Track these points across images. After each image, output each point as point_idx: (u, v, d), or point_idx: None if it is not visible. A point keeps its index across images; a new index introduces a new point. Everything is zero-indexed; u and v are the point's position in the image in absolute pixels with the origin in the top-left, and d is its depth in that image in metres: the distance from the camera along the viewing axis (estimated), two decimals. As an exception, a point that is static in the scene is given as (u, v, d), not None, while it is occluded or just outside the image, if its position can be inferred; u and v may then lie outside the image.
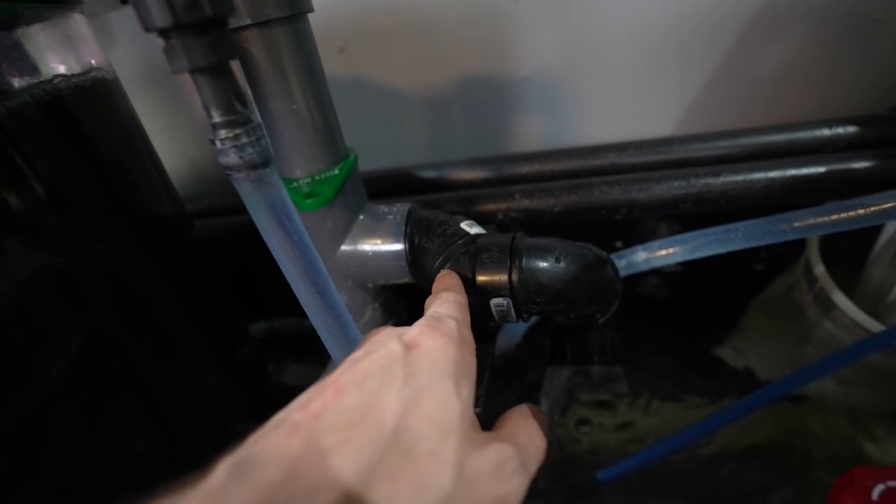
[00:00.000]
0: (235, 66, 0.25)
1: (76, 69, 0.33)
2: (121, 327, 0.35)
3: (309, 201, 0.33)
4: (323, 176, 0.35)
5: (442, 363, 0.20)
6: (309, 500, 0.15)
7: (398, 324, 0.46)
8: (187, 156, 0.71)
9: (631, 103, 0.57)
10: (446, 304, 0.27)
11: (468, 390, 0.21)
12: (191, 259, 0.42)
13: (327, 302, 0.29)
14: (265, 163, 0.25)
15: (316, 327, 0.30)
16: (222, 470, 0.16)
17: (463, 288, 0.30)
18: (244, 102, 0.24)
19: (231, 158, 0.24)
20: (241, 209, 0.59)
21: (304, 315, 0.69)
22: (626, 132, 0.58)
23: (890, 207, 0.36)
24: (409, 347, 0.21)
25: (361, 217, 0.39)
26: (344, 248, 0.38)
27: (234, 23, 0.30)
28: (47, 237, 0.30)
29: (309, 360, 0.68)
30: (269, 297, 0.65)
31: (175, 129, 0.69)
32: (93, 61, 0.34)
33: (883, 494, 0.21)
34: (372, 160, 0.56)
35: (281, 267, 0.28)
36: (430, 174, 0.52)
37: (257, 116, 0.25)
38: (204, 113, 0.23)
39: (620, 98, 0.57)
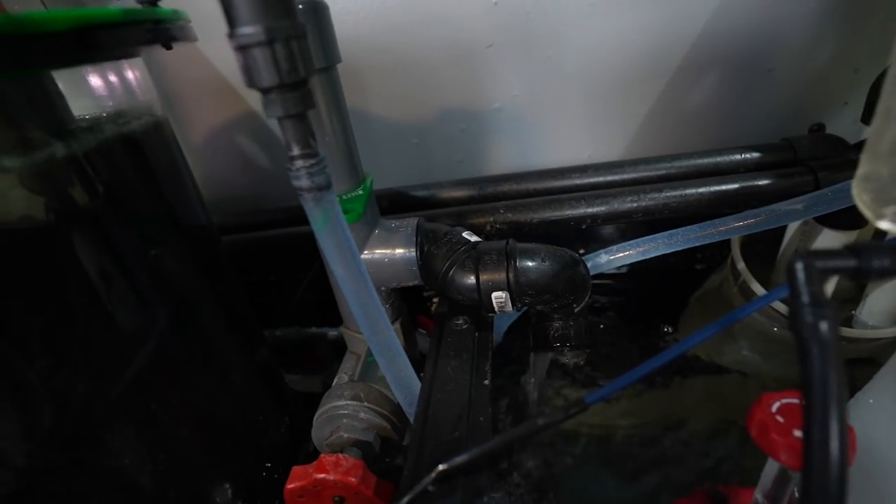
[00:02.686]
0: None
1: (140, 108, 0.39)
2: (173, 325, 0.40)
3: (346, 216, 0.40)
4: (350, 195, 0.43)
5: None
6: None
7: (404, 322, 0.53)
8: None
9: (586, 131, 0.68)
10: None
11: None
12: (221, 266, 0.47)
13: (370, 296, 0.35)
14: (329, 185, 0.32)
15: (357, 317, 0.37)
16: None
17: None
18: (315, 140, 0.31)
19: (304, 182, 0.31)
20: (239, 229, 0.64)
21: (303, 325, 0.74)
22: (583, 155, 0.68)
23: (785, 212, 0.47)
24: None
25: (377, 230, 0.46)
26: (363, 256, 0.45)
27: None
28: (111, 242, 0.35)
29: (306, 368, 0.73)
30: (270, 308, 0.70)
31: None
32: (152, 98, 0.40)
33: (779, 408, 0.30)
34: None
35: (331, 265, 0.34)
36: (421, 193, 0.60)
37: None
38: (201, 139, 0.30)
39: (577, 127, 0.68)
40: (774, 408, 0.30)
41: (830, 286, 0.57)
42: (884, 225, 0.27)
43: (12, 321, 0.30)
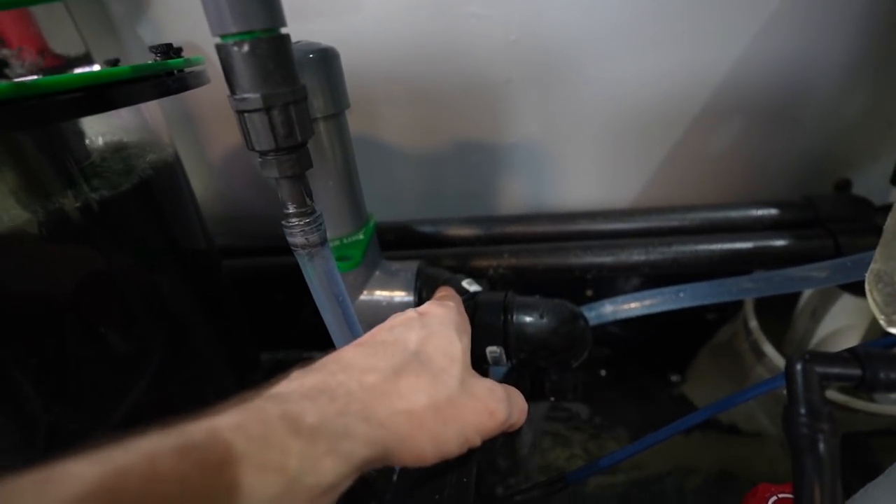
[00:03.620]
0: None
1: (149, 140, 0.39)
2: (169, 352, 0.40)
3: (342, 264, 0.41)
4: (349, 240, 0.42)
5: (446, 320, 0.28)
6: (360, 379, 0.23)
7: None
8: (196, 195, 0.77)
9: (600, 173, 0.66)
10: (445, 297, 0.35)
11: (466, 341, 0.28)
12: (219, 290, 0.48)
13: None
14: (323, 242, 0.32)
15: None
16: (293, 372, 0.23)
17: (458, 297, 0.38)
18: (311, 198, 0.31)
19: (298, 240, 0.31)
20: (249, 252, 0.65)
21: (304, 348, 0.74)
22: (596, 197, 0.67)
23: (800, 278, 0.46)
24: (421, 314, 0.29)
25: (378, 273, 0.46)
26: (363, 297, 0.45)
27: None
28: (112, 273, 0.36)
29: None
30: (271, 332, 0.70)
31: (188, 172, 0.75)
32: (163, 135, 0.41)
33: (775, 502, 0.29)
34: (372, 209, 0.64)
35: (324, 319, 0.35)
36: (428, 229, 0.59)
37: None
38: (218, 157, 0.31)
39: (591, 168, 0.67)
40: (770, 502, 0.29)
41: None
42: (893, 330, 0.25)
43: (6, 357, 0.31)
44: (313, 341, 0.72)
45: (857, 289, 0.50)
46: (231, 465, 0.16)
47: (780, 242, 0.49)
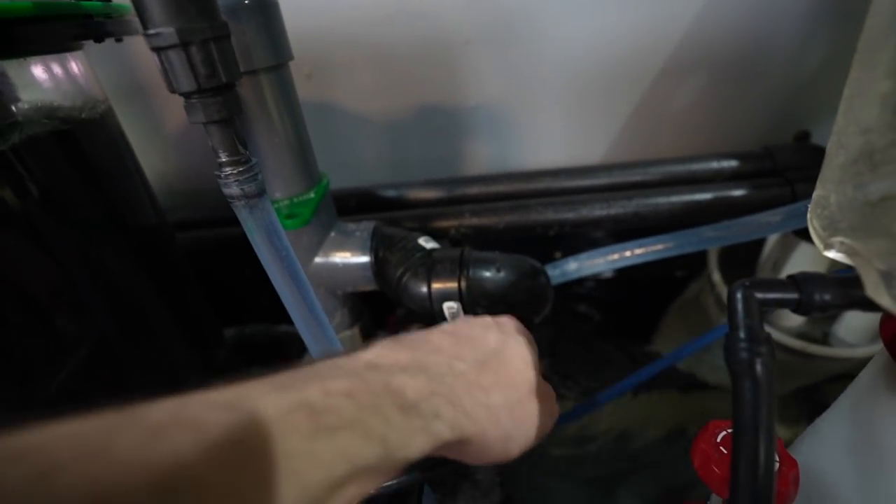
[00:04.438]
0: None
1: (78, 99, 0.37)
2: (114, 327, 0.39)
3: (289, 221, 0.39)
4: (300, 199, 0.41)
5: (520, 329, 0.29)
6: (449, 363, 0.23)
7: (363, 327, 0.52)
8: (156, 171, 0.74)
9: (564, 133, 0.66)
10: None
11: (535, 352, 0.28)
12: (173, 266, 0.46)
13: (309, 306, 0.34)
14: (260, 193, 0.30)
15: (298, 327, 0.36)
16: (382, 342, 0.23)
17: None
18: (245, 146, 0.29)
19: (234, 190, 0.30)
20: (212, 224, 0.63)
21: (273, 321, 0.73)
22: (561, 157, 0.66)
23: (759, 224, 0.46)
24: (497, 322, 0.29)
25: (332, 234, 0.45)
26: (317, 260, 0.44)
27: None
28: (45, 242, 0.34)
29: (277, 366, 0.72)
30: (238, 305, 0.69)
31: (145, 146, 0.72)
32: (95, 93, 0.38)
33: (724, 437, 0.29)
34: (335, 177, 0.62)
35: (270, 276, 0.34)
36: (390, 193, 0.58)
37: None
38: (176, 130, 0.29)
39: (555, 128, 0.66)
40: (719, 437, 0.29)
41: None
42: (831, 255, 0.25)
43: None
44: (282, 314, 0.71)
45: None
46: (342, 428, 0.17)
47: (739, 192, 0.49)
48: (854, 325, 0.54)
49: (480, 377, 0.23)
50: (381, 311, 0.61)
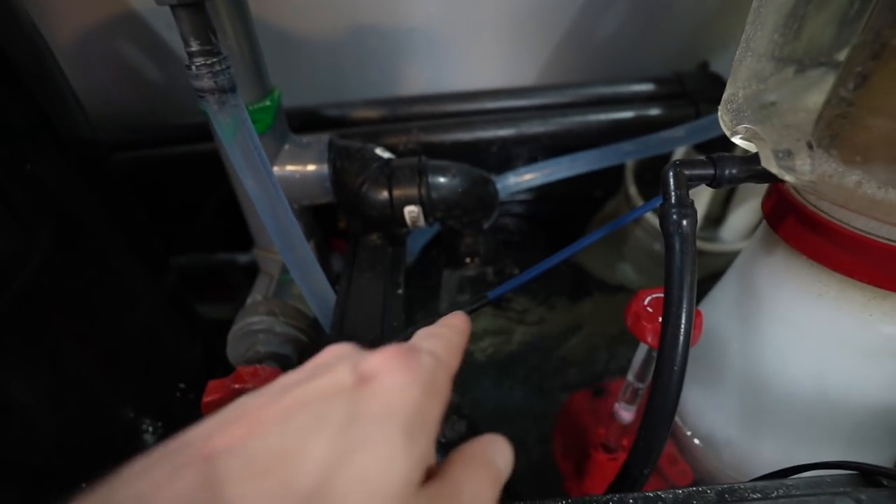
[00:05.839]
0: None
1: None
2: (59, 247, 0.37)
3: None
4: (256, 106, 0.40)
5: (397, 408, 0.16)
6: None
7: (318, 244, 0.53)
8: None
9: (500, 56, 0.68)
10: (434, 339, 0.21)
11: (422, 447, 0.16)
12: (113, 183, 0.44)
13: (280, 202, 0.35)
14: (233, 88, 0.30)
15: (268, 228, 0.36)
16: None
17: (467, 332, 0.24)
18: (216, 35, 0.29)
19: (205, 83, 0.29)
20: (140, 145, 0.59)
21: (211, 251, 0.71)
22: (497, 80, 0.69)
23: (668, 139, 0.53)
24: (362, 379, 0.17)
25: (287, 146, 0.45)
26: (274, 171, 0.44)
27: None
28: None
29: (216, 296, 0.71)
30: (172, 236, 0.66)
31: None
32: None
33: (650, 301, 0.36)
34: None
35: (241, 176, 0.34)
36: (333, 112, 0.58)
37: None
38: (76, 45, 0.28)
39: (491, 51, 0.68)
40: (647, 301, 0.36)
41: (701, 207, 0.66)
42: (736, 140, 0.31)
43: None
44: (219, 243, 0.69)
45: (713, 150, 0.60)
46: None
47: (655, 112, 0.56)
48: (735, 226, 0.65)
49: None
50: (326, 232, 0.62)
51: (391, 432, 0.15)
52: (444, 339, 0.21)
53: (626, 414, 0.40)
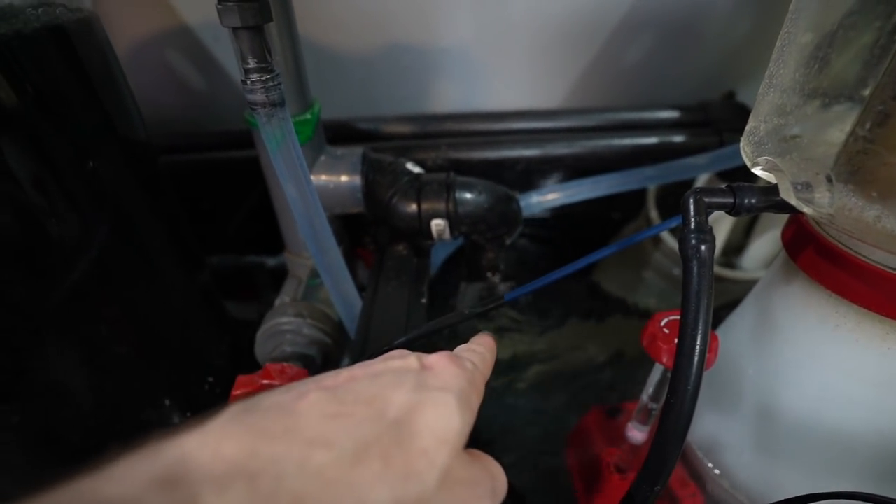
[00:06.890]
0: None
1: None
2: (111, 239, 0.39)
3: (293, 138, 0.41)
4: (299, 118, 0.43)
5: (452, 385, 0.21)
6: (302, 456, 0.16)
7: (346, 252, 0.56)
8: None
9: (529, 78, 0.70)
10: (471, 352, 0.26)
11: (469, 418, 0.21)
12: (160, 183, 0.46)
13: (317, 210, 0.37)
14: (282, 102, 0.33)
15: (304, 233, 0.38)
16: (229, 411, 0.17)
17: (495, 353, 0.29)
18: (271, 54, 0.31)
19: (258, 97, 0.32)
20: (180, 150, 0.62)
21: (240, 253, 0.74)
22: (524, 102, 0.71)
23: (691, 165, 0.54)
24: (424, 366, 0.22)
25: (323, 157, 0.47)
26: (310, 180, 0.46)
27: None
28: (45, 146, 0.34)
29: (242, 297, 0.73)
30: (204, 237, 0.69)
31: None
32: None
33: (667, 323, 0.37)
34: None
35: (283, 184, 0.36)
36: (366, 126, 0.60)
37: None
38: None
39: (520, 73, 0.70)
40: (663, 322, 0.36)
41: (722, 234, 0.66)
42: (756, 171, 0.32)
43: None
44: (249, 246, 0.72)
45: (737, 178, 0.61)
46: None
47: (678, 139, 0.57)
48: (756, 255, 0.65)
49: (354, 471, 0.16)
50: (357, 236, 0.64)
51: (449, 399, 0.20)
52: (479, 353, 0.27)
53: (638, 434, 0.41)
